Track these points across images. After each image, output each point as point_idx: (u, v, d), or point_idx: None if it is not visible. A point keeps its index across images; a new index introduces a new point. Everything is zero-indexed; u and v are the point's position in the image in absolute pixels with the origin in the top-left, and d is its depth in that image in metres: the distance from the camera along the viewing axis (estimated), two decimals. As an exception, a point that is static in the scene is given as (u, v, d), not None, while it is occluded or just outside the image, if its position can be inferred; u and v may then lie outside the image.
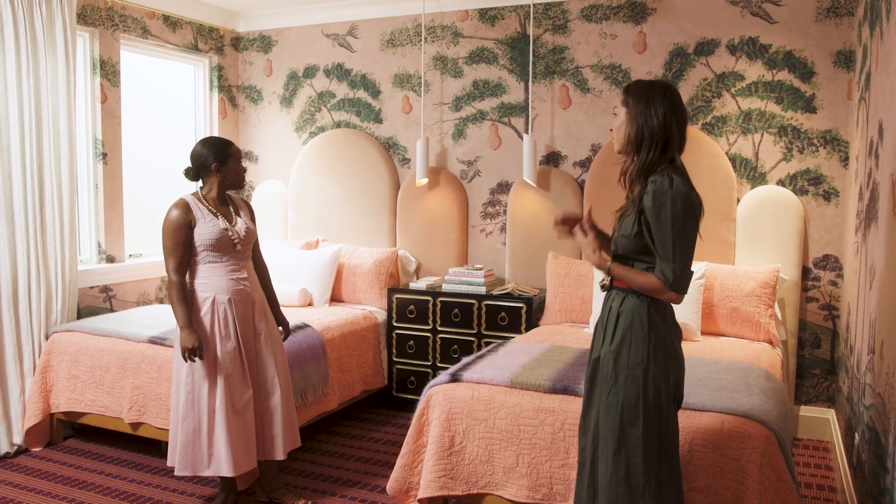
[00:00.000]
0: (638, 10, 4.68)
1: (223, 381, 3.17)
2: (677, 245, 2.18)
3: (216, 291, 3.21)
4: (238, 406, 3.21)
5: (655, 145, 2.26)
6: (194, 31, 5.54)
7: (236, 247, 3.26)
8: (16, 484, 3.71)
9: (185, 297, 3.17)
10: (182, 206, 3.20)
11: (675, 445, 2.29)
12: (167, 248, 3.18)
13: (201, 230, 3.19)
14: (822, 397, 4.43)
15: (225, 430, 3.15)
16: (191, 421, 3.18)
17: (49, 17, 4.21)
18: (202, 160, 3.26)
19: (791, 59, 4.36)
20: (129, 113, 5.16)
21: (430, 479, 3.10)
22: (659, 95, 2.27)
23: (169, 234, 3.17)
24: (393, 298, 4.86)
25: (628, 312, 2.28)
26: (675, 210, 2.18)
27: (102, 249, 4.89)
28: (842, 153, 4.28)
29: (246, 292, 3.29)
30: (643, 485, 2.22)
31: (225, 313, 3.21)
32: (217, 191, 3.30)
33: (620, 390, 2.25)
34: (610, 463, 2.26)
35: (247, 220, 3.37)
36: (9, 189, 4.07)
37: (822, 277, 4.38)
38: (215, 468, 3.19)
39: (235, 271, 3.27)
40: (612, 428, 2.26)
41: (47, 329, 4.28)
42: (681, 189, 2.19)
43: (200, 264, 3.23)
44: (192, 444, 3.19)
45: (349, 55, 5.54)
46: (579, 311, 4.55)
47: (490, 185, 5.16)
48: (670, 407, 2.26)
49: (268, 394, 3.34)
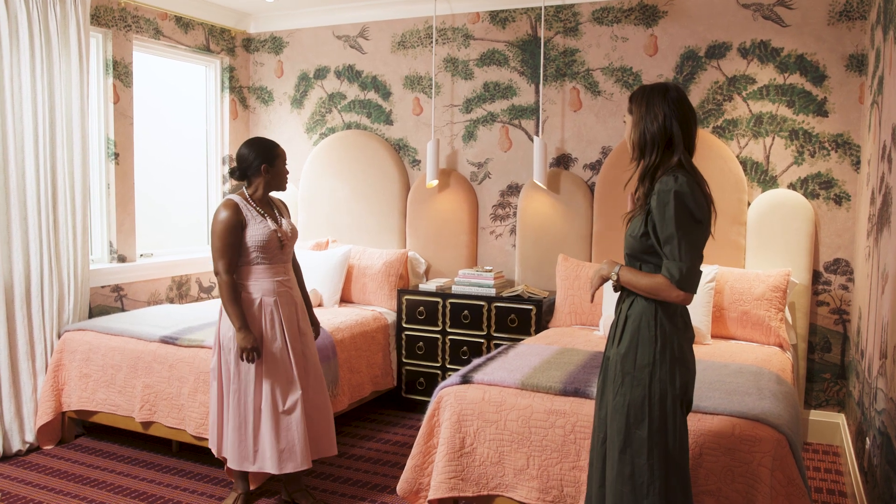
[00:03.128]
0: (649, 13, 4.68)
1: (269, 382, 3.21)
2: (683, 243, 2.18)
3: (263, 293, 3.23)
4: (284, 407, 3.24)
5: (658, 147, 2.29)
6: (206, 32, 5.57)
7: (283, 248, 3.28)
8: (28, 481, 3.74)
9: (238, 298, 3.18)
10: (232, 207, 3.20)
11: (682, 448, 2.29)
12: (218, 249, 3.18)
13: (252, 231, 3.21)
14: (832, 401, 4.42)
15: (271, 430, 3.20)
16: (238, 419, 3.24)
17: (63, 18, 4.24)
18: (250, 161, 3.27)
19: (803, 62, 4.35)
20: (141, 113, 5.19)
21: (440, 481, 3.11)
22: (659, 98, 2.30)
23: (221, 235, 3.17)
24: (402, 300, 4.87)
25: (636, 315, 2.30)
26: (679, 208, 2.18)
27: (114, 249, 4.91)
28: (853, 157, 4.27)
29: (290, 293, 3.32)
30: (647, 485, 2.24)
31: (272, 314, 3.23)
32: (262, 192, 3.31)
33: (627, 391, 2.27)
34: (616, 463, 2.29)
35: (289, 221, 3.40)
36: (22, 189, 4.10)
37: (832, 281, 4.37)
38: (260, 465, 3.24)
39: (280, 273, 3.29)
40: (619, 428, 2.28)
41: (59, 328, 4.31)
42: (685, 187, 2.20)
43: (248, 265, 3.25)
44: (240, 441, 3.26)
45: (360, 56, 5.56)
46: (589, 313, 4.55)
47: (500, 187, 5.16)
48: (677, 410, 2.26)
49: (319, 392, 3.38)
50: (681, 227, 2.18)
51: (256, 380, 3.22)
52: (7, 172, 4.02)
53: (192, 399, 3.77)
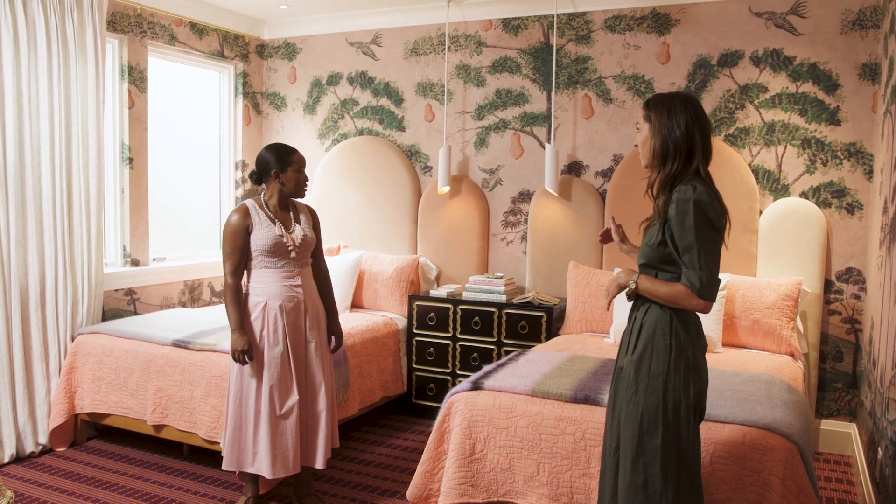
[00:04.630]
0: (662, 21, 4.68)
1: (268, 386, 3.23)
2: (702, 252, 2.19)
3: (268, 297, 3.26)
4: (281, 411, 3.25)
5: (679, 156, 2.29)
6: (220, 38, 5.61)
7: (290, 253, 3.29)
8: (41, 483, 3.77)
9: (238, 301, 3.23)
10: (241, 210, 3.26)
11: (695, 457, 2.28)
12: (225, 252, 3.25)
13: (256, 235, 3.24)
14: (843, 411, 4.40)
15: (267, 433, 3.21)
16: (238, 420, 3.27)
17: (80, 24, 4.29)
18: (264, 165, 3.30)
19: (815, 71, 4.34)
20: (156, 118, 5.23)
21: (450, 486, 3.12)
22: (680, 107, 2.30)
23: (227, 238, 3.24)
24: (413, 305, 4.88)
25: (651, 323, 2.29)
26: (698, 218, 2.19)
27: (127, 253, 4.95)
28: (866, 166, 4.26)
29: (298, 299, 3.32)
30: (661, 494, 2.23)
31: (275, 319, 3.25)
32: (277, 197, 3.33)
33: (640, 400, 2.26)
34: (628, 471, 2.28)
35: (306, 228, 3.38)
36: (38, 192, 4.14)
37: (844, 290, 4.36)
38: (257, 467, 3.26)
39: (289, 278, 3.30)
40: (632, 437, 2.27)
41: (73, 331, 4.34)
42: (704, 197, 2.20)
43: (255, 269, 3.29)
44: (238, 442, 3.28)
45: (373, 63, 5.59)
46: (600, 320, 4.55)
47: (511, 194, 5.17)
48: (690, 418, 2.26)
49: (314, 401, 3.38)
50: (700, 236, 2.19)
51: (257, 382, 3.24)
52: (24, 176, 4.06)
53: (203, 403, 3.80)
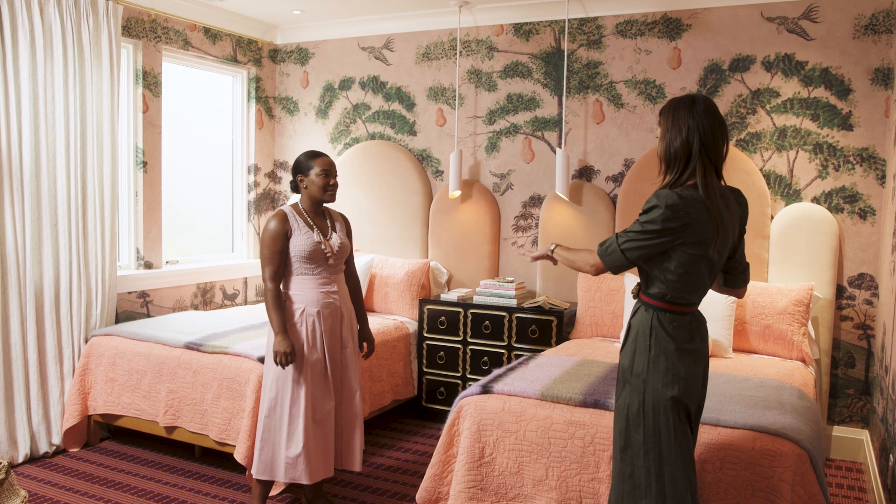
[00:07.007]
0: (673, 26, 4.68)
1: (306, 391, 3.23)
2: (630, 232, 2.30)
3: (306, 303, 3.27)
4: (318, 416, 3.27)
5: (679, 163, 2.30)
6: (234, 43, 5.66)
7: (328, 260, 3.30)
8: (54, 483, 3.80)
9: (280, 304, 3.23)
10: (280, 216, 3.26)
11: (679, 455, 2.29)
12: (264, 257, 3.24)
13: (296, 241, 3.25)
14: (855, 418, 4.37)
15: (304, 438, 3.21)
16: (271, 430, 3.26)
17: (96, 29, 4.34)
18: (293, 171, 3.33)
19: (828, 76, 4.33)
20: (169, 123, 5.28)
21: (459, 490, 3.12)
22: (684, 111, 2.29)
23: (267, 244, 3.23)
24: (424, 309, 4.90)
25: (636, 324, 2.39)
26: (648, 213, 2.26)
27: (141, 255, 4.99)
28: (878, 171, 4.24)
29: (335, 305, 3.34)
30: (645, 486, 2.32)
31: (313, 325, 3.27)
32: (309, 203, 3.34)
33: (626, 396, 2.37)
34: (618, 461, 2.39)
35: (342, 235, 3.40)
36: (53, 196, 4.19)
37: (856, 296, 4.34)
38: (291, 475, 3.24)
39: (326, 284, 3.31)
40: (621, 430, 2.38)
41: (87, 332, 4.38)
42: (671, 200, 2.21)
43: (293, 275, 3.29)
44: (271, 450, 3.27)
45: (384, 68, 5.61)
46: (610, 325, 4.55)
47: (522, 199, 5.18)
48: (670, 418, 2.28)
49: (350, 405, 3.41)
50: (639, 223, 2.28)
51: (295, 388, 3.24)
52: (39, 179, 4.11)
53: (215, 405, 3.82)
